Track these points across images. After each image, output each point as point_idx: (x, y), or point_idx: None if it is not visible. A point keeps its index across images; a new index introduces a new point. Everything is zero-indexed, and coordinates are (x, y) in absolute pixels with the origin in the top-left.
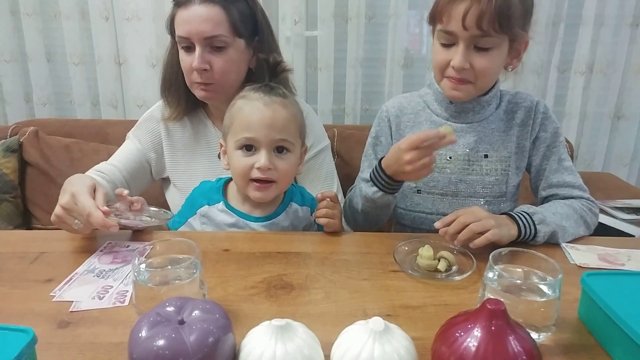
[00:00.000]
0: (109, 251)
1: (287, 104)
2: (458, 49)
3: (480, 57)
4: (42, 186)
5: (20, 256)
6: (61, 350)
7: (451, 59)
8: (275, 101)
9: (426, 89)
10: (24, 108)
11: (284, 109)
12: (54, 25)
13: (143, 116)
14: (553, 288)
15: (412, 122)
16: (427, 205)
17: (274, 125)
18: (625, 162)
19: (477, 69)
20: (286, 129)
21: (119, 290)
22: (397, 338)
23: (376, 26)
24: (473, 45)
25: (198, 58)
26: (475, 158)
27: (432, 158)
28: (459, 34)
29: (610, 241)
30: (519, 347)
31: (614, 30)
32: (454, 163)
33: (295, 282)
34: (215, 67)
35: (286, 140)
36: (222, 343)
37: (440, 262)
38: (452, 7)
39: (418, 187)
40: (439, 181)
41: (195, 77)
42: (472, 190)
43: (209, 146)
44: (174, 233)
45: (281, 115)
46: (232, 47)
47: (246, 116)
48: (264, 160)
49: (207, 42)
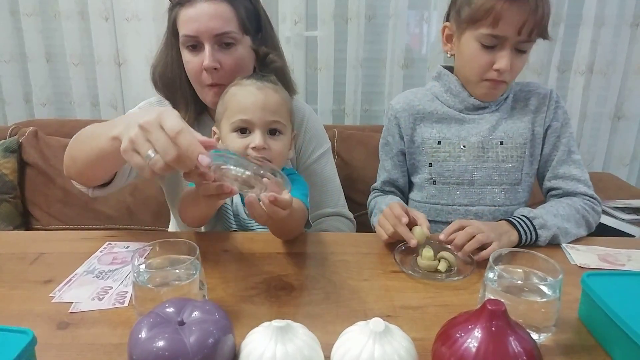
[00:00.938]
0: (108, 252)
1: (278, 89)
2: (504, 52)
3: (519, 58)
4: (42, 187)
5: (20, 257)
6: (61, 351)
7: (494, 62)
8: (267, 86)
9: (433, 81)
10: (24, 108)
11: (275, 93)
12: (53, 26)
13: (145, 101)
14: (553, 288)
15: (421, 114)
16: (442, 197)
17: (267, 107)
18: (625, 162)
19: (514, 70)
20: (278, 111)
21: (118, 291)
22: (397, 339)
23: (376, 26)
24: (514, 48)
25: (209, 56)
26: (490, 145)
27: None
28: (509, 39)
29: (611, 241)
30: (519, 347)
31: (614, 31)
32: (468, 151)
33: (295, 282)
34: (226, 66)
35: (279, 122)
36: (222, 344)
37: (440, 263)
38: (509, 14)
39: (433, 178)
40: (454, 170)
41: (206, 78)
42: (489, 178)
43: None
44: (174, 234)
45: (273, 98)
46: (240, 44)
47: (240, 99)
48: (259, 139)
49: (216, 39)
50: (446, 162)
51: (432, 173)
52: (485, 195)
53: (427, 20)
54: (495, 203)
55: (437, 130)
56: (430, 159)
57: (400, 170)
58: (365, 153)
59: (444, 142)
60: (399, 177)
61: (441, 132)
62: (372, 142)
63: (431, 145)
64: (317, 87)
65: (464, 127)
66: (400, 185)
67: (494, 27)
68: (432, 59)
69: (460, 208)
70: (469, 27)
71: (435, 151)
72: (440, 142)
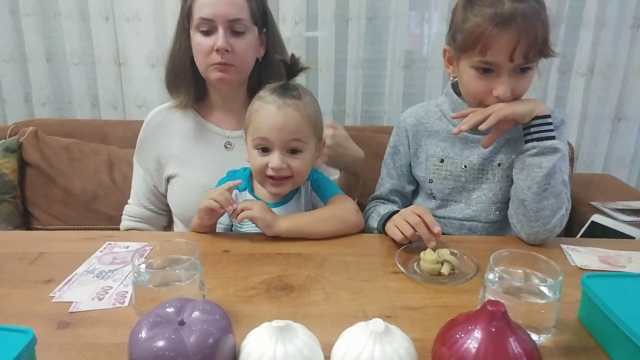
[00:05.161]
0: (108, 252)
1: (300, 105)
2: (500, 78)
3: (521, 80)
4: (42, 186)
5: (20, 257)
6: (61, 351)
7: (491, 88)
8: (288, 104)
9: (443, 97)
10: (24, 108)
11: (296, 112)
12: (53, 26)
13: (139, 136)
14: (553, 290)
15: (428, 132)
16: (439, 211)
17: (286, 128)
18: (625, 164)
19: (519, 92)
20: (298, 130)
21: (118, 291)
22: (397, 339)
23: (377, 27)
24: (513, 71)
25: (222, 39)
26: (489, 168)
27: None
28: (503, 65)
29: (611, 243)
30: (519, 348)
31: (615, 32)
32: (468, 172)
33: (295, 283)
34: (236, 50)
35: (299, 140)
36: (222, 344)
37: (443, 266)
38: (496, 41)
39: (433, 194)
40: (453, 188)
41: (215, 57)
42: (485, 197)
43: (207, 141)
44: (174, 234)
45: (293, 118)
46: (250, 33)
47: (261, 119)
48: (276, 161)
49: (230, 24)
50: (447, 180)
51: (433, 189)
52: (480, 212)
53: (428, 21)
54: (490, 220)
55: (441, 149)
56: (431, 175)
57: (407, 178)
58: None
59: (446, 160)
60: (405, 184)
61: (445, 151)
62: (372, 143)
63: (434, 163)
64: (318, 88)
65: (468, 146)
66: (407, 192)
67: (484, 55)
68: (433, 59)
69: (455, 222)
70: (463, 54)
71: (437, 169)
72: (443, 160)
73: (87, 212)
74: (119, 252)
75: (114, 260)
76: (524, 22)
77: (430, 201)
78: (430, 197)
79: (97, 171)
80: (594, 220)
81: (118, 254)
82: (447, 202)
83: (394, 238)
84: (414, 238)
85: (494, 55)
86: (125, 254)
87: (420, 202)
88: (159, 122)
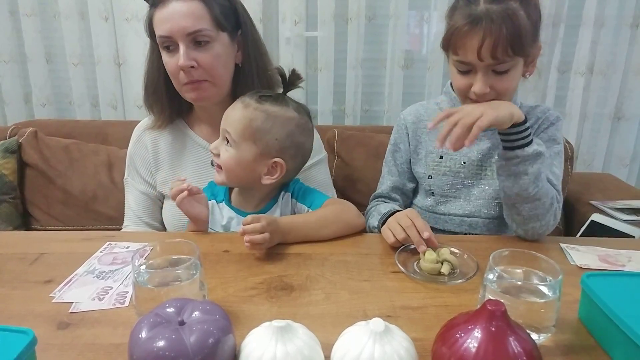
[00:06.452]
0: (108, 252)
1: (258, 108)
2: (477, 76)
3: (500, 79)
4: (42, 187)
5: (20, 257)
6: (61, 351)
7: (471, 84)
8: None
9: (442, 96)
10: (23, 109)
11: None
12: (53, 26)
13: (128, 152)
14: (553, 289)
15: (428, 129)
16: (439, 207)
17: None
18: (625, 163)
19: (498, 91)
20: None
21: (119, 292)
22: (397, 339)
23: (376, 27)
24: (491, 70)
25: (183, 56)
26: (487, 164)
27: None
28: (476, 64)
29: (611, 242)
30: (519, 348)
31: (614, 31)
32: (467, 168)
33: (296, 283)
34: (202, 63)
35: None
36: (222, 344)
37: (443, 266)
38: (466, 41)
39: (432, 190)
40: (452, 184)
41: (183, 77)
42: (484, 193)
43: (194, 156)
44: (174, 234)
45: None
46: (216, 42)
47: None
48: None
49: (190, 38)
50: (445, 176)
51: (432, 185)
52: (480, 208)
53: (427, 20)
54: (490, 216)
55: None
56: (430, 172)
57: (408, 175)
58: (366, 153)
59: (446, 157)
60: (406, 182)
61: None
62: (372, 143)
63: (433, 159)
64: (317, 88)
65: None
66: (408, 190)
67: (456, 54)
68: (433, 59)
69: (456, 218)
70: (447, 53)
71: (437, 165)
72: (442, 156)
73: (86, 212)
74: (119, 252)
75: (114, 260)
76: (489, 23)
77: (429, 198)
78: (429, 194)
79: (97, 171)
80: (594, 220)
81: (118, 254)
82: (447, 199)
83: (386, 240)
84: (405, 241)
85: (466, 55)
86: (126, 254)
87: (420, 200)
88: (146, 140)
